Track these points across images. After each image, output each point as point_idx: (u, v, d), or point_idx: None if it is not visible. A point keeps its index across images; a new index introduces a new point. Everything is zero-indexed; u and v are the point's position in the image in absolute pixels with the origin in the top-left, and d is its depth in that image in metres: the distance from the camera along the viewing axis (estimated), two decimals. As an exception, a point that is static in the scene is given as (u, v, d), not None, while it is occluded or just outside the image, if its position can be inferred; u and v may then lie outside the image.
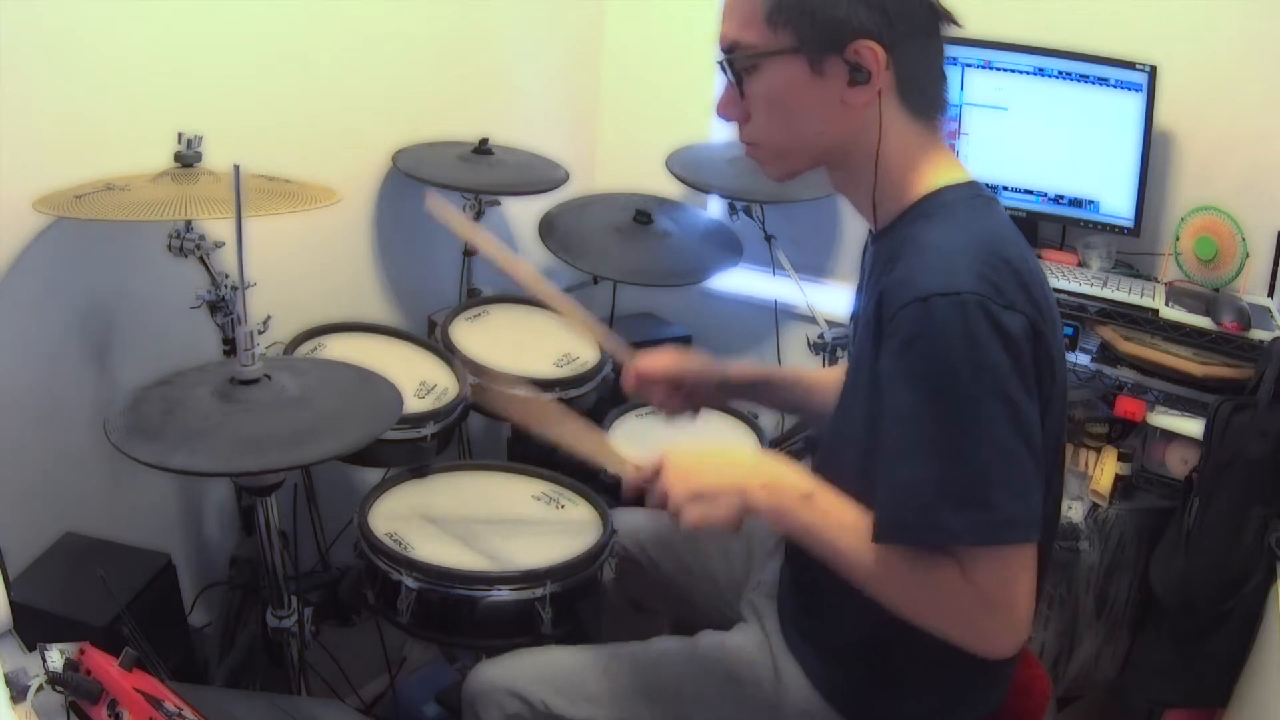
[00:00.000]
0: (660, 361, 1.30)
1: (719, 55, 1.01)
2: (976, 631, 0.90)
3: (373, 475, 1.63)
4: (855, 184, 1.02)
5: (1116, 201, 1.78)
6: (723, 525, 0.98)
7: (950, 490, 0.87)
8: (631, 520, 1.42)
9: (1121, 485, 1.69)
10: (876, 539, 0.91)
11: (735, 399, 1.36)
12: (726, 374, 1.31)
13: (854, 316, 1.15)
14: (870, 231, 1.06)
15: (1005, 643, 0.91)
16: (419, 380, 1.54)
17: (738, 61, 0.97)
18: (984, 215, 0.97)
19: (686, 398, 1.32)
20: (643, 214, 1.88)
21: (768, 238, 2.01)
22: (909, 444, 0.89)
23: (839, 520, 0.95)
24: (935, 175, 0.99)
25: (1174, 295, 1.70)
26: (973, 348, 0.86)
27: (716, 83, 1.04)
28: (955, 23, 0.97)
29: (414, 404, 1.47)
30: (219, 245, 1.34)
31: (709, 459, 1.01)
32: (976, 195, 0.99)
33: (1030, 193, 1.85)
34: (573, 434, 1.12)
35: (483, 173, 1.79)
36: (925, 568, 0.90)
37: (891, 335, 0.90)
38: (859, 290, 1.16)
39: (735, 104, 1.00)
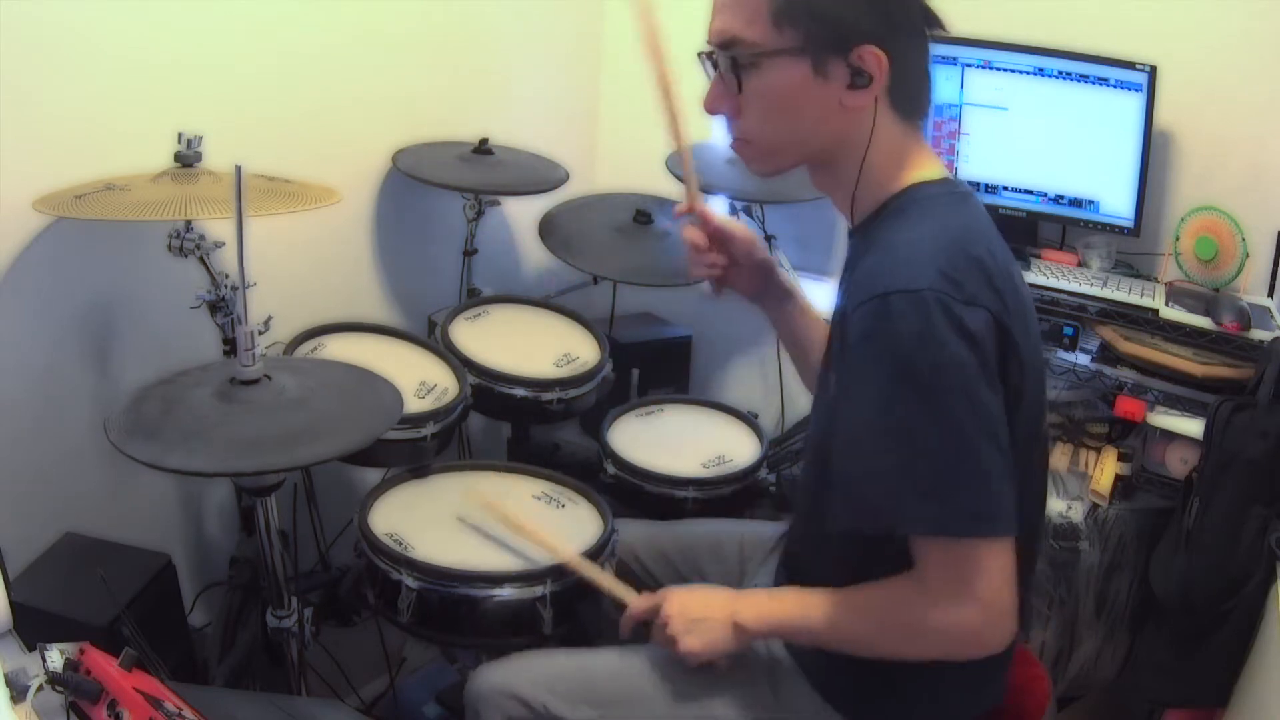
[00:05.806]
0: (724, 218, 1.26)
1: (707, 48, 1.01)
2: (950, 629, 0.92)
3: (373, 475, 1.63)
4: (837, 183, 1.03)
5: (1116, 201, 1.78)
6: (719, 650, 1.07)
7: (911, 481, 0.89)
8: (627, 531, 1.41)
9: (1121, 485, 1.68)
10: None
11: (760, 294, 1.31)
12: (772, 264, 1.29)
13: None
14: (849, 228, 1.07)
15: (987, 636, 0.93)
16: (419, 380, 1.54)
17: (740, 58, 0.97)
18: (955, 211, 0.97)
19: (725, 266, 1.27)
20: (643, 214, 1.88)
21: (768, 237, 2.01)
22: (870, 437, 0.91)
23: (806, 601, 1.03)
24: (911, 172, 1.00)
25: (1174, 295, 1.69)
26: (931, 344, 0.87)
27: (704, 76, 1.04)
28: (943, 27, 0.98)
29: (414, 404, 1.47)
30: (219, 245, 1.34)
31: (700, 594, 1.11)
32: (950, 191, 0.99)
33: (1030, 193, 1.85)
34: (590, 571, 1.24)
35: (483, 173, 1.79)
36: (886, 589, 0.96)
37: (853, 331, 0.92)
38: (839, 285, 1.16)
39: (728, 99, 1.01)
